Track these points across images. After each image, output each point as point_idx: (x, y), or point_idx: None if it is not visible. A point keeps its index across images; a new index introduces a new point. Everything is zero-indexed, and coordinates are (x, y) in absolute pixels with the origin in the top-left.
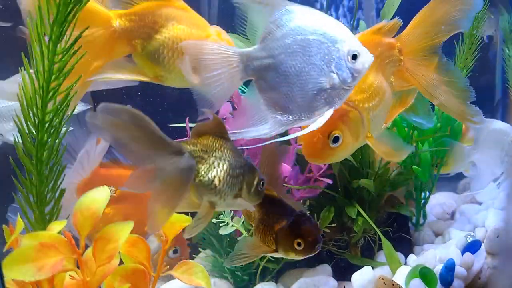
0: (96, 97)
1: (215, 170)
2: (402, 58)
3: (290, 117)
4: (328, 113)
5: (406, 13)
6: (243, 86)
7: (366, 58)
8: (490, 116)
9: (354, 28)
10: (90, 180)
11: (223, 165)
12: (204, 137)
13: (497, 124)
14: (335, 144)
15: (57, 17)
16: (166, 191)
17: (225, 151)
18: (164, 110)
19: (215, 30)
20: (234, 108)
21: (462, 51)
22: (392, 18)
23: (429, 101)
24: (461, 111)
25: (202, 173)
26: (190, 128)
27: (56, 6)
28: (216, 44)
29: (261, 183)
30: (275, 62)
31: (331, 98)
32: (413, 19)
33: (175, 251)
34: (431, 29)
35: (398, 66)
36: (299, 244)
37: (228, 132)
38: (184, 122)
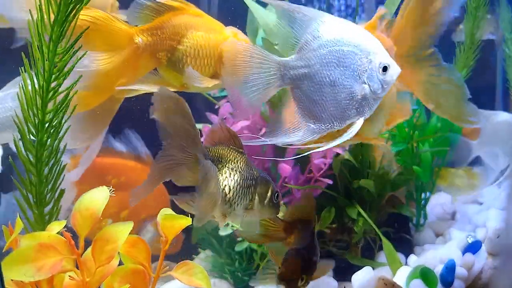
0: None
1: (227, 179)
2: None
3: (323, 125)
4: (359, 122)
5: None
6: None
7: (395, 70)
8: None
9: None
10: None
11: (234, 175)
12: (219, 147)
13: (503, 116)
14: None
15: (58, 17)
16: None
17: (239, 163)
18: None
19: (231, 31)
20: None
21: (462, 51)
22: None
23: None
24: (457, 112)
25: None
26: None
27: (57, 6)
28: (258, 49)
29: (276, 195)
30: (311, 72)
31: (362, 107)
32: (400, 16)
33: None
34: (421, 26)
35: None
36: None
37: (262, 138)
38: None
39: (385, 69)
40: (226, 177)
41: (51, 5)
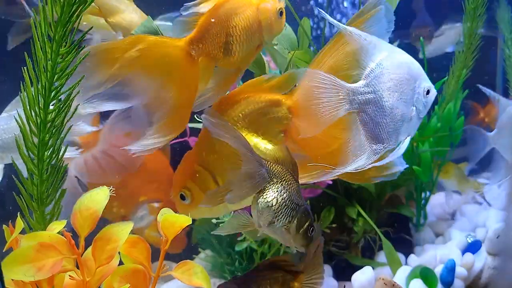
0: None
1: (277, 193)
2: (291, 117)
3: (381, 145)
4: (407, 141)
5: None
6: None
7: (434, 93)
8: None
9: None
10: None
11: (284, 193)
12: (279, 166)
13: None
14: (184, 201)
15: (61, 17)
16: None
17: (291, 185)
18: None
19: None
20: None
21: (461, 51)
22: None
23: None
24: (370, 176)
25: (266, 191)
26: (190, 128)
27: (60, 6)
28: (330, 76)
29: (311, 228)
30: (376, 97)
31: (410, 127)
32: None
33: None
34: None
35: (286, 125)
36: None
37: (335, 169)
38: None
39: (427, 92)
40: (277, 191)
41: (54, 5)
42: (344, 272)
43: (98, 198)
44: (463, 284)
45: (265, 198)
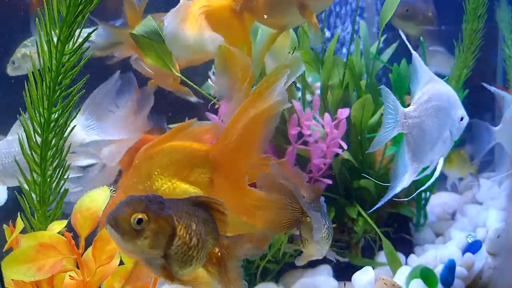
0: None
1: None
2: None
3: (421, 164)
4: (441, 161)
5: None
6: None
7: (467, 120)
8: (490, 117)
9: (355, 30)
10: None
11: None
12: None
13: None
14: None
15: (67, 17)
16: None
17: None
18: (164, 110)
19: None
20: None
21: (461, 51)
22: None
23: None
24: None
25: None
26: None
27: (66, 6)
28: (393, 98)
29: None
30: (420, 121)
31: (444, 149)
32: (229, 124)
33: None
34: (247, 142)
35: (212, 173)
36: None
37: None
38: (183, 121)
39: (461, 119)
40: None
41: (60, 5)
42: (344, 272)
43: (98, 198)
44: (463, 284)
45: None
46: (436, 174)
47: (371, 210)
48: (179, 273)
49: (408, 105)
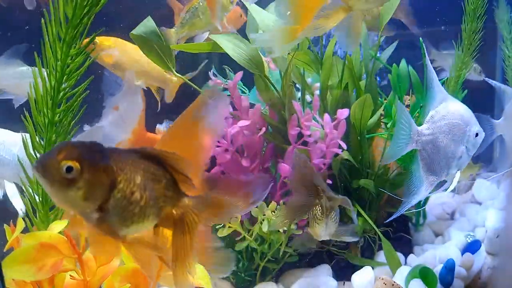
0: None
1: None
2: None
3: (436, 177)
4: (457, 175)
5: None
6: (243, 87)
7: (482, 135)
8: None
9: None
10: (136, 141)
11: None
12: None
13: None
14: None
15: (72, 19)
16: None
17: None
18: (164, 110)
19: None
20: (234, 108)
21: (461, 51)
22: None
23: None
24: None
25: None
26: None
27: (72, 8)
28: (409, 118)
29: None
30: (434, 138)
31: (460, 163)
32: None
33: None
34: None
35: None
36: None
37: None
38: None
39: (476, 135)
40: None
41: (66, 6)
42: (343, 272)
43: None
44: (462, 284)
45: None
46: (452, 187)
47: (388, 220)
48: (120, 231)
49: (408, 105)
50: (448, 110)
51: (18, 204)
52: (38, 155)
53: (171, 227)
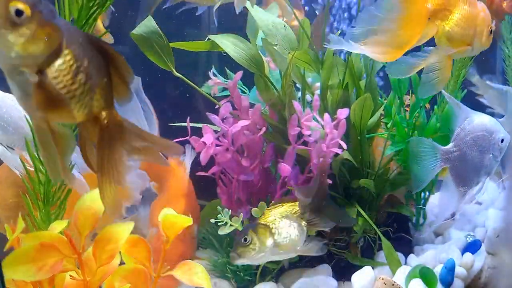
0: None
1: None
2: None
3: (467, 187)
4: (487, 180)
5: None
6: (243, 87)
7: (508, 140)
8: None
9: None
10: (148, 168)
11: None
12: None
13: None
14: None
15: (78, 20)
16: None
17: None
18: (164, 110)
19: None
20: (234, 108)
21: None
22: None
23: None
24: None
25: None
26: (191, 128)
27: (78, 9)
28: (430, 141)
29: None
30: (461, 153)
31: (489, 170)
32: None
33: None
34: None
35: None
36: None
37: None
38: (183, 121)
39: (502, 140)
40: None
41: (71, 7)
42: (343, 272)
43: (99, 198)
44: (462, 284)
45: None
46: (482, 193)
47: (429, 231)
48: (53, 107)
49: (408, 105)
50: (472, 124)
51: (12, 162)
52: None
53: (94, 135)
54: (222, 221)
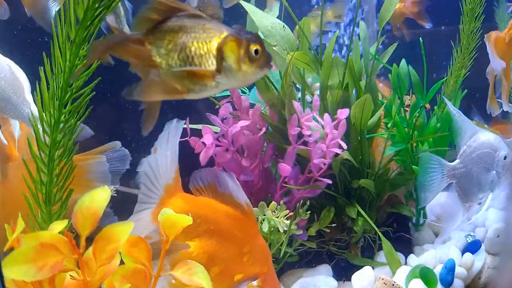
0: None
1: None
2: None
3: (471, 202)
4: (490, 197)
5: None
6: (244, 88)
7: (510, 156)
8: (489, 117)
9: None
10: (167, 200)
11: None
12: None
13: None
14: None
15: (83, 20)
16: None
17: None
18: (164, 110)
19: None
20: (234, 108)
21: (459, 51)
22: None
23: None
24: None
25: None
26: (191, 129)
27: (83, 10)
28: (438, 158)
29: None
30: (467, 170)
31: (492, 186)
32: None
33: None
34: None
35: None
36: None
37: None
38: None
39: (505, 157)
40: None
41: (77, 8)
42: (343, 272)
43: (99, 198)
44: (462, 284)
45: None
46: (485, 207)
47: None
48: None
49: (408, 105)
50: (478, 142)
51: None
52: (42, 154)
53: None
54: None
